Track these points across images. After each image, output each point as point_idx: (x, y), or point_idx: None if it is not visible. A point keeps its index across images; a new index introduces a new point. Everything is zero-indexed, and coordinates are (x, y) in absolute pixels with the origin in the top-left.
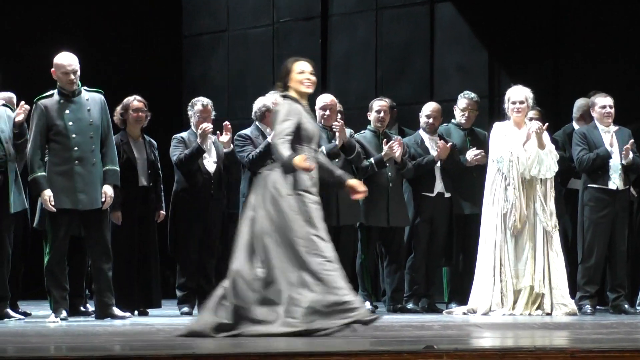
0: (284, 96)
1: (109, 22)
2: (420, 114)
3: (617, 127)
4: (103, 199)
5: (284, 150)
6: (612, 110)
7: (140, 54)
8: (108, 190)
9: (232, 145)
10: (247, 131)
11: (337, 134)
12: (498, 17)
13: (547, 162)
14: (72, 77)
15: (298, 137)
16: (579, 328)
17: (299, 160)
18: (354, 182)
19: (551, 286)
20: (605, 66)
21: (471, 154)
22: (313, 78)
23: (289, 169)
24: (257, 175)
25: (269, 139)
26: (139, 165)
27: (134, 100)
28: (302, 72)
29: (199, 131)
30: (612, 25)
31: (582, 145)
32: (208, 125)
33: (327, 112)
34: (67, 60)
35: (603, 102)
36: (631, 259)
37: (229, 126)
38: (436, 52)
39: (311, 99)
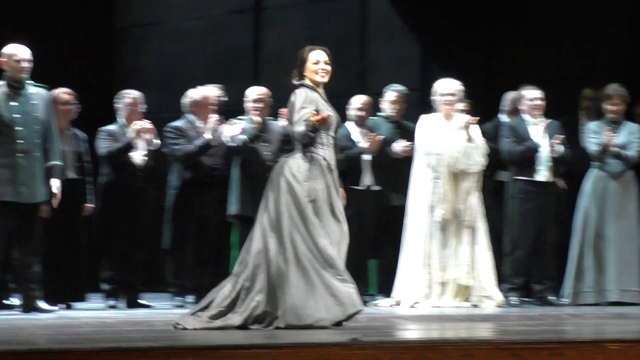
0: (300, 84)
1: (40, 13)
2: (349, 106)
3: (547, 120)
4: (55, 192)
5: (299, 128)
6: (541, 103)
7: (72, 46)
8: (57, 184)
9: (154, 141)
10: (178, 123)
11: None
12: (430, 10)
13: (475, 155)
14: (25, 65)
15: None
16: (505, 320)
17: (313, 118)
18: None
19: (477, 278)
20: (536, 59)
21: (399, 145)
22: (328, 67)
23: (310, 134)
24: (275, 164)
25: (206, 135)
26: (66, 157)
27: (61, 93)
28: (317, 62)
29: (134, 126)
30: (544, 18)
31: (511, 137)
32: (143, 124)
33: (261, 105)
34: (19, 49)
35: (532, 94)
36: (558, 251)
37: (149, 127)
38: (369, 45)
39: (242, 91)
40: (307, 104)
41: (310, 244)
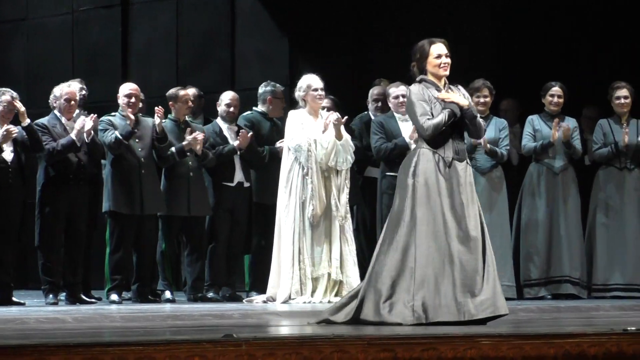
0: (421, 80)
1: None
2: (218, 102)
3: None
4: None
5: (435, 120)
6: (405, 100)
7: None
8: None
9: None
10: (44, 120)
11: (157, 118)
12: (298, 5)
13: (344, 153)
14: None
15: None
16: None
17: (449, 98)
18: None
19: (346, 274)
20: (403, 55)
21: (280, 144)
22: (449, 60)
23: (455, 112)
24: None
25: (73, 134)
26: None
27: None
28: (439, 56)
29: (2, 132)
30: (411, 13)
31: (380, 134)
32: (13, 129)
33: (132, 100)
34: None
35: (396, 92)
36: None
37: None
38: (237, 40)
39: (113, 88)
40: (420, 100)
41: (415, 245)
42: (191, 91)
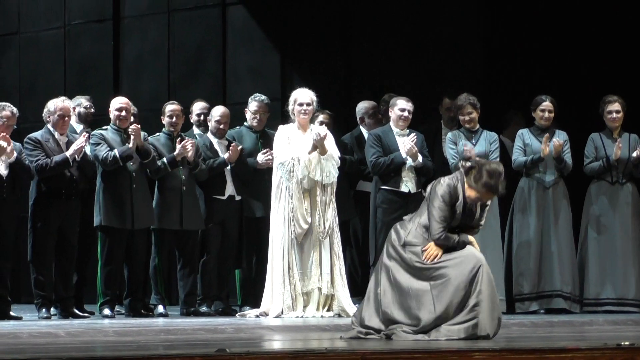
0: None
1: None
2: (209, 118)
3: (413, 134)
4: None
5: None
6: (409, 115)
7: None
8: None
9: (15, 154)
10: (37, 134)
11: (131, 137)
12: (289, 19)
13: (327, 167)
14: None
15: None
16: None
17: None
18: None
19: (335, 289)
20: (395, 69)
21: (262, 156)
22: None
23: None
24: None
25: (68, 153)
26: None
27: None
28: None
29: None
30: (402, 28)
31: (376, 147)
32: (3, 142)
33: (123, 114)
34: None
35: (403, 105)
36: None
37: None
38: (228, 54)
39: (105, 101)
40: (451, 202)
41: None
42: (175, 106)
